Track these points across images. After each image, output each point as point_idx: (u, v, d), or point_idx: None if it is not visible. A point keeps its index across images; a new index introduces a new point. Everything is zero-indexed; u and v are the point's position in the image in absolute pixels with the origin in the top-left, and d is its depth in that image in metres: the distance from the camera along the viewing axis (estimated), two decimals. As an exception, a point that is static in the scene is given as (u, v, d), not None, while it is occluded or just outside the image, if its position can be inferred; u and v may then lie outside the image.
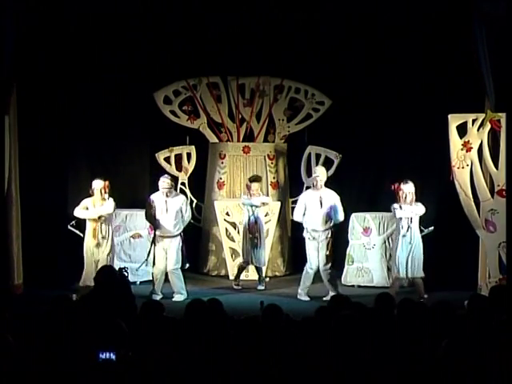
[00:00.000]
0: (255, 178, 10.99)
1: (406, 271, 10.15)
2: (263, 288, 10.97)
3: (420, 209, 10.11)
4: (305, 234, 10.37)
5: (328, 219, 10.25)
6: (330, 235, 10.25)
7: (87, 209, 10.08)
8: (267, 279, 11.32)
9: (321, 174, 10.45)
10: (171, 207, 10.27)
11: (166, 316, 5.82)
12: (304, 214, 10.34)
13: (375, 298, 6.22)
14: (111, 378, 4.56)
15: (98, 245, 10.04)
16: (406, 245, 10.12)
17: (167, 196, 10.29)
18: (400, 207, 10.06)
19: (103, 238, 10.05)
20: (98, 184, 10.06)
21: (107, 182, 10.12)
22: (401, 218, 10.11)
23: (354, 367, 4.63)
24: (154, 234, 10.34)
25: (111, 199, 10.11)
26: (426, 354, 4.88)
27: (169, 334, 5.37)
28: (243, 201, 10.95)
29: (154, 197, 10.35)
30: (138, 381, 4.67)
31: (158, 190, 10.39)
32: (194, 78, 12.03)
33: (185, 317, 5.68)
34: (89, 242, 10.09)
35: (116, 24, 11.04)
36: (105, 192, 10.07)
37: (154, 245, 10.25)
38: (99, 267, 9.48)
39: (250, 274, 11.28)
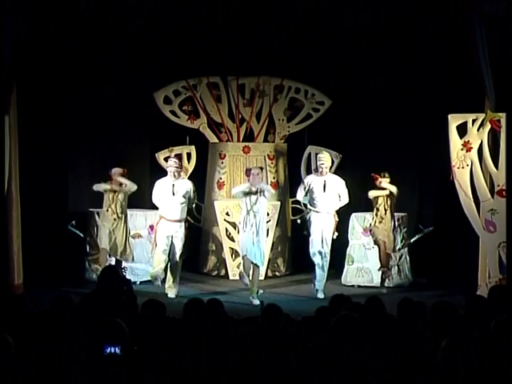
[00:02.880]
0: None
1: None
2: (258, 303, 9.61)
3: (393, 187, 10.62)
4: (307, 217, 10.55)
5: (331, 204, 10.46)
6: (332, 221, 10.47)
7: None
8: (261, 291, 10.37)
9: (326, 160, 10.66)
10: (178, 190, 10.32)
11: (167, 316, 5.82)
12: (306, 195, 10.55)
13: (365, 301, 6.10)
14: (116, 373, 4.58)
15: (114, 219, 10.52)
16: (379, 223, 10.69)
17: (175, 178, 10.34)
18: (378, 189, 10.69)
19: (121, 212, 10.56)
20: (116, 170, 10.59)
21: (125, 170, 10.64)
22: (377, 200, 10.62)
23: (353, 367, 4.63)
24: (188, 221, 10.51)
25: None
26: (426, 354, 4.88)
27: (169, 333, 5.37)
28: (236, 190, 10.32)
29: (160, 181, 10.44)
30: (142, 375, 4.68)
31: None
32: (194, 77, 12.02)
33: (183, 316, 5.69)
34: (105, 218, 10.60)
35: (116, 24, 11.04)
36: (122, 177, 10.59)
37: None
38: (116, 243, 10.50)
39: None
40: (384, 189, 10.70)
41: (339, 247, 11.00)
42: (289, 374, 4.86)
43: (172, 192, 10.32)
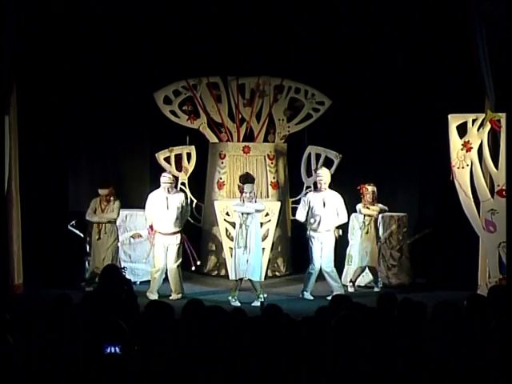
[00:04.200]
0: (246, 178, 10.31)
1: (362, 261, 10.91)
2: (258, 305, 9.57)
3: (381, 208, 10.88)
4: (308, 235, 10.45)
5: (331, 220, 10.40)
6: (332, 236, 10.45)
7: (95, 211, 10.60)
8: (263, 296, 10.09)
9: (324, 176, 10.58)
10: (172, 204, 10.31)
11: (176, 318, 5.79)
12: (307, 214, 10.45)
13: (377, 298, 6.22)
14: (116, 372, 4.58)
15: (101, 239, 10.54)
16: (365, 239, 10.85)
17: (168, 192, 10.32)
18: (367, 208, 10.82)
19: (105, 233, 10.55)
20: (102, 192, 10.61)
21: (111, 189, 10.62)
22: (364, 216, 10.81)
23: (354, 367, 4.63)
24: None
25: (117, 202, 10.63)
26: (426, 354, 4.88)
27: (172, 335, 5.37)
28: (234, 208, 10.24)
29: (153, 194, 10.40)
30: (143, 375, 4.68)
31: (158, 187, 10.46)
32: (194, 78, 12.02)
33: (182, 317, 5.67)
34: (93, 237, 10.61)
35: (116, 24, 11.06)
36: (110, 197, 10.59)
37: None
38: (103, 260, 10.39)
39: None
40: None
41: (339, 247, 11.00)
42: (289, 374, 4.85)
43: (166, 206, 10.31)
